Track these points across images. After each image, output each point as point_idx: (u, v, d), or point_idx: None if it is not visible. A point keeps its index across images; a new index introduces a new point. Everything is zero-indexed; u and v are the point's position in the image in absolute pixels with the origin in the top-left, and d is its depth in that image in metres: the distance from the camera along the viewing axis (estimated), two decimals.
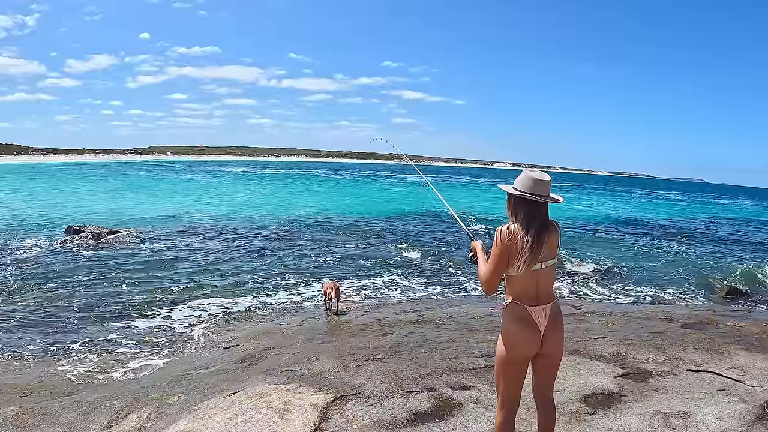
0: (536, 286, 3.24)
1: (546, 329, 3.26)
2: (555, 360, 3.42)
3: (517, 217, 3.25)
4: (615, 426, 4.41)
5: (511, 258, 3.18)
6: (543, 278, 3.26)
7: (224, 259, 19.06)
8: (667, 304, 13.52)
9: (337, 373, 5.71)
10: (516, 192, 3.27)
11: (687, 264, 21.31)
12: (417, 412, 4.68)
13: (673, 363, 5.98)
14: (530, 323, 3.22)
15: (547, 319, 3.26)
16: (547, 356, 3.35)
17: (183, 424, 4.52)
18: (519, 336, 3.25)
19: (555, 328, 3.31)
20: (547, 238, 3.23)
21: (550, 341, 3.29)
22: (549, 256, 3.26)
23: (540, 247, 3.18)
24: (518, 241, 3.15)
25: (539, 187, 3.24)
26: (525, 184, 3.26)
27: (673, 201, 78.30)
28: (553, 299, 3.32)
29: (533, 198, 3.22)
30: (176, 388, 5.98)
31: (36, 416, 5.36)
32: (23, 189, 50.24)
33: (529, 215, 3.22)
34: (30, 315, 12.31)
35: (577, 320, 8.37)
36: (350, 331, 7.72)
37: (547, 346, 3.30)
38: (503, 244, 3.17)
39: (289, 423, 4.40)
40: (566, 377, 5.42)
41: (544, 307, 3.25)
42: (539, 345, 3.28)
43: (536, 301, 3.24)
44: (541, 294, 3.26)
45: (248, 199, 46.44)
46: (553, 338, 3.30)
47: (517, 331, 3.25)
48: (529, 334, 3.23)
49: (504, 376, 3.37)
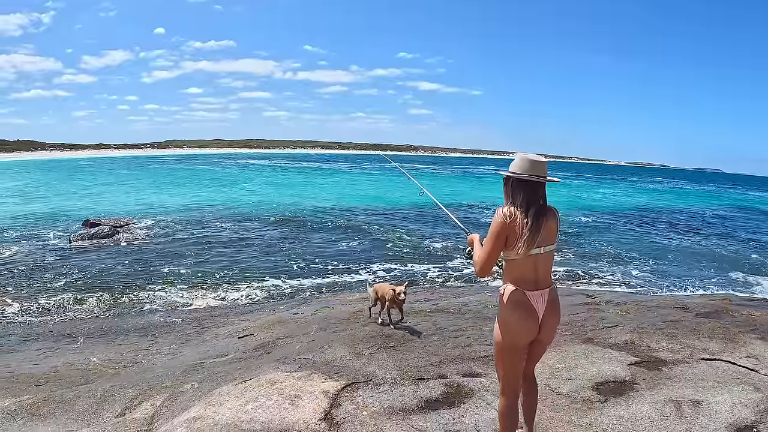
0: (535, 270, 3.22)
1: (544, 314, 3.26)
2: (547, 343, 3.46)
3: (515, 200, 3.21)
4: (627, 414, 4.40)
5: (510, 240, 3.15)
6: (542, 263, 3.24)
7: (238, 250, 19.19)
8: (682, 293, 13.43)
9: (349, 360, 5.73)
10: (514, 174, 3.23)
11: (703, 253, 21.15)
12: (428, 399, 4.70)
13: (686, 351, 5.91)
14: (529, 309, 3.21)
15: (546, 304, 3.26)
16: (541, 340, 3.37)
17: (195, 411, 4.56)
18: (518, 322, 3.23)
19: (553, 313, 3.31)
20: (545, 221, 3.20)
21: (546, 326, 3.29)
22: (548, 241, 3.23)
23: (539, 230, 3.15)
24: (518, 222, 3.13)
25: (537, 169, 3.20)
26: (522, 167, 3.21)
27: (689, 191, 77.46)
28: (551, 284, 3.32)
29: (533, 179, 3.19)
30: (190, 377, 6.03)
31: (51, 404, 5.43)
32: (42, 184, 50.87)
33: (528, 197, 3.19)
34: (44, 306, 12.49)
35: (591, 309, 8.32)
36: (363, 320, 7.71)
37: (544, 332, 3.31)
38: (502, 223, 3.14)
39: (299, 409, 4.43)
40: (579, 365, 5.41)
41: (543, 292, 3.24)
42: (537, 330, 3.28)
43: (535, 286, 3.23)
44: (540, 279, 3.24)
45: (262, 190, 46.61)
46: (549, 323, 3.30)
47: (516, 316, 3.23)
48: (528, 320, 3.22)
49: (503, 361, 3.39)
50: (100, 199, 36.99)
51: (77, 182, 53.00)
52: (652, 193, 64.73)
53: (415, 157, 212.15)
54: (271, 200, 36.63)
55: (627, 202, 47.43)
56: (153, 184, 51.08)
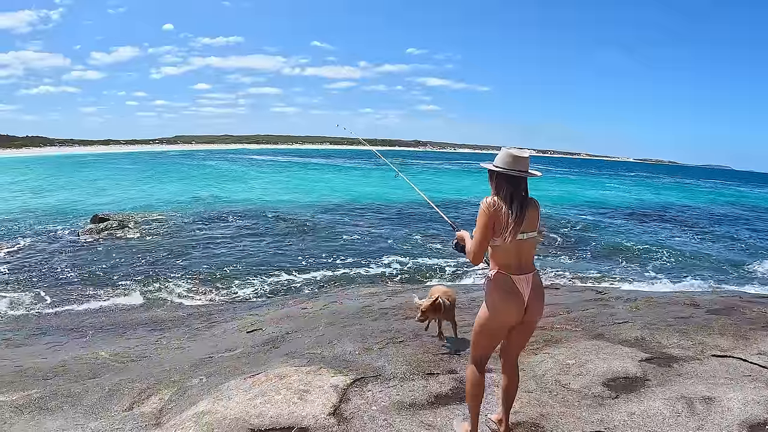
0: (519, 256, 3.45)
1: (529, 298, 3.47)
2: (532, 327, 3.67)
3: (499, 192, 3.44)
4: (638, 410, 4.35)
5: (497, 228, 3.37)
6: (525, 249, 3.46)
7: (246, 245, 19.23)
8: (693, 290, 13.35)
9: (358, 355, 5.72)
10: (497, 169, 3.45)
11: (712, 250, 21.03)
12: (437, 394, 4.68)
13: (698, 348, 5.85)
14: (515, 292, 3.43)
15: (531, 288, 3.46)
16: (526, 323, 3.57)
17: (203, 406, 4.55)
18: (505, 304, 3.44)
19: (537, 296, 3.51)
20: (528, 211, 3.42)
21: (531, 309, 3.50)
22: (530, 228, 3.45)
23: (522, 219, 3.37)
24: (503, 212, 3.35)
25: (519, 164, 3.43)
26: (505, 161, 3.44)
27: (698, 188, 77.07)
28: (535, 269, 3.53)
29: (515, 173, 3.40)
30: (198, 371, 6.01)
31: (59, 398, 5.43)
32: (51, 179, 51.17)
33: (512, 189, 3.41)
34: (53, 300, 12.54)
35: (601, 305, 8.28)
36: (373, 315, 7.70)
37: (529, 314, 3.52)
38: (488, 213, 3.36)
39: (308, 404, 4.42)
40: (589, 361, 5.36)
41: (527, 276, 3.46)
42: (523, 312, 3.49)
43: (519, 271, 3.45)
44: (523, 264, 3.47)
45: (268, 185, 46.68)
46: (534, 306, 3.51)
47: (502, 298, 3.44)
48: (514, 302, 3.44)
49: (483, 338, 3.63)
50: (107, 194, 37.15)
51: (85, 178, 53.28)
52: (660, 190, 64.39)
53: (423, 152, 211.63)
54: (278, 196, 36.69)
55: (635, 199, 47.19)
56: (160, 180, 51.25)
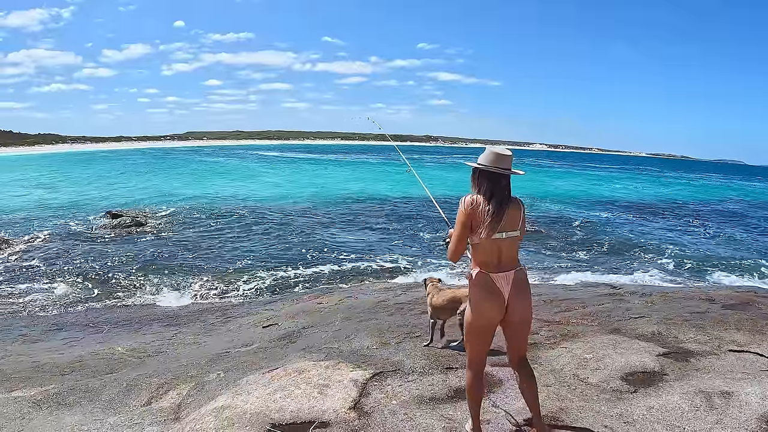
0: (498, 254, 3.43)
1: (510, 295, 3.44)
2: (523, 325, 3.59)
3: (480, 189, 3.46)
4: (657, 404, 4.35)
5: (474, 226, 3.39)
6: (505, 247, 3.44)
7: (259, 240, 19.28)
8: (707, 285, 13.29)
9: (376, 350, 5.76)
10: (480, 166, 3.47)
11: (725, 245, 20.88)
12: (457, 388, 4.71)
13: (714, 343, 5.85)
14: (494, 289, 3.42)
15: (511, 285, 3.44)
16: (514, 322, 3.53)
17: (222, 400, 4.58)
18: (484, 301, 3.44)
19: (519, 293, 3.48)
20: (508, 209, 3.41)
21: (514, 306, 3.47)
22: (511, 227, 3.43)
23: (501, 216, 3.37)
24: (480, 209, 3.37)
25: (501, 162, 3.44)
26: (488, 159, 3.46)
27: (710, 182, 76.45)
28: (518, 266, 3.50)
29: (497, 171, 3.42)
30: (215, 366, 6.06)
31: (77, 393, 5.50)
32: (64, 176, 51.51)
33: (492, 187, 3.42)
34: (69, 296, 12.64)
35: (616, 300, 8.28)
36: (388, 310, 7.72)
37: (513, 311, 3.48)
38: (465, 211, 3.39)
39: (328, 398, 4.45)
40: (607, 355, 5.37)
41: (507, 274, 3.44)
42: (504, 310, 3.47)
43: (498, 269, 3.43)
44: (503, 262, 3.45)
45: (279, 181, 46.75)
46: (517, 303, 3.47)
47: (482, 296, 3.45)
48: (493, 300, 3.43)
49: (471, 338, 3.62)
50: (120, 190, 37.35)
51: (98, 174, 53.58)
52: (671, 185, 63.94)
53: (434, 147, 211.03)
54: (289, 191, 36.74)
55: (646, 194, 46.92)
56: (172, 176, 51.45)
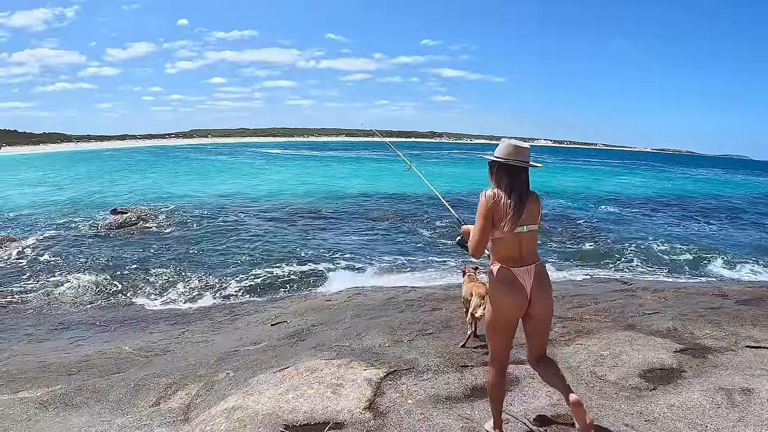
0: (519, 248, 3.40)
1: (532, 289, 3.40)
2: (544, 320, 3.54)
3: (500, 183, 3.42)
4: (677, 402, 4.28)
5: (496, 220, 3.35)
6: (526, 241, 3.41)
7: (265, 238, 19.23)
8: (718, 280, 13.20)
9: (389, 348, 5.69)
10: (498, 159, 3.43)
11: (732, 241, 20.73)
12: (473, 386, 4.63)
13: (731, 339, 5.79)
14: (516, 284, 3.38)
15: (533, 279, 3.40)
16: (536, 316, 3.48)
17: (233, 401, 4.50)
18: (506, 297, 3.40)
19: (541, 287, 3.43)
20: (528, 203, 3.39)
21: (536, 301, 3.42)
22: (531, 220, 3.41)
23: (522, 210, 3.34)
24: (502, 203, 3.33)
25: (520, 154, 3.42)
26: (507, 152, 3.43)
27: (716, 177, 76.12)
28: (537, 260, 3.47)
29: (516, 164, 3.40)
30: (224, 365, 6.00)
31: (84, 394, 5.44)
32: (69, 174, 51.64)
33: (512, 181, 3.39)
34: (75, 294, 12.60)
35: (628, 296, 8.22)
36: (398, 307, 7.66)
37: (535, 306, 3.43)
38: (487, 204, 3.34)
39: (342, 398, 4.37)
40: (624, 352, 5.30)
41: (529, 268, 3.40)
42: (527, 305, 3.42)
43: (520, 263, 3.40)
44: (524, 256, 3.41)
45: (285, 179, 46.70)
46: (539, 298, 3.43)
47: (505, 292, 3.40)
48: (515, 295, 3.38)
49: (494, 335, 3.55)
50: (125, 188, 37.36)
51: (103, 172, 53.65)
52: (677, 180, 63.70)
53: (438, 143, 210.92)
54: (296, 189, 36.67)
55: (652, 189, 46.73)
56: (176, 174, 51.46)
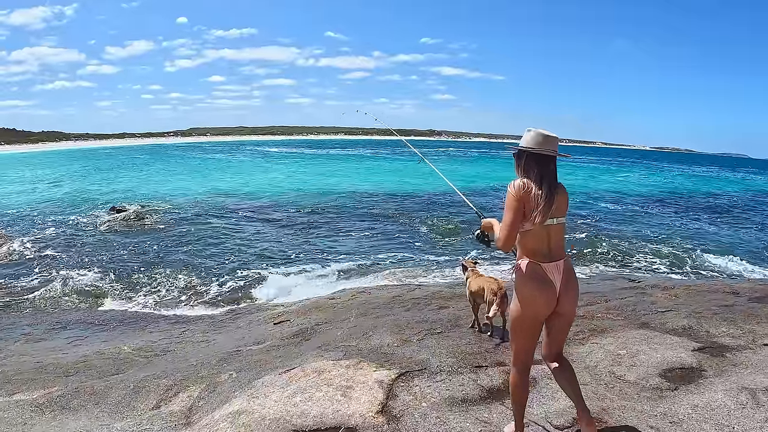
0: (548, 242, 3.30)
1: (561, 285, 3.31)
2: (569, 317, 3.47)
3: (530, 173, 3.30)
4: (701, 402, 4.14)
5: (527, 211, 3.22)
6: (554, 234, 3.32)
7: (265, 235, 19.15)
8: (727, 277, 13.10)
9: (397, 348, 5.52)
10: (528, 149, 3.32)
11: (737, 238, 20.66)
12: (489, 388, 4.47)
13: (748, 337, 5.68)
14: (546, 280, 3.27)
15: (562, 275, 3.31)
16: (562, 314, 3.39)
17: (238, 404, 4.34)
18: (536, 293, 3.28)
19: (569, 284, 3.36)
20: (557, 194, 3.29)
21: (564, 298, 3.34)
22: (559, 213, 3.32)
23: (552, 201, 3.24)
24: (533, 194, 3.21)
25: (549, 143, 3.31)
26: (536, 141, 3.32)
27: (716, 175, 76.19)
28: (565, 255, 3.39)
29: (547, 152, 3.30)
30: (227, 366, 5.83)
31: (82, 396, 5.27)
32: (68, 172, 51.63)
33: (542, 170, 3.29)
34: (73, 293, 12.47)
35: (638, 293, 8.09)
36: (404, 305, 7.51)
37: (562, 304, 3.35)
38: (517, 195, 3.22)
39: (353, 401, 4.21)
40: (641, 351, 5.16)
41: (558, 264, 3.31)
42: (555, 302, 3.32)
43: (549, 258, 3.30)
44: (553, 250, 3.31)
45: (284, 177, 46.67)
46: (568, 295, 3.35)
47: (534, 288, 3.29)
48: (545, 291, 3.28)
49: (520, 333, 3.44)
50: (124, 186, 37.32)
51: (102, 171, 53.65)
52: (675, 178, 63.75)
53: (437, 142, 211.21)
54: (294, 187, 36.60)
55: (651, 187, 46.79)
56: (175, 172, 51.43)
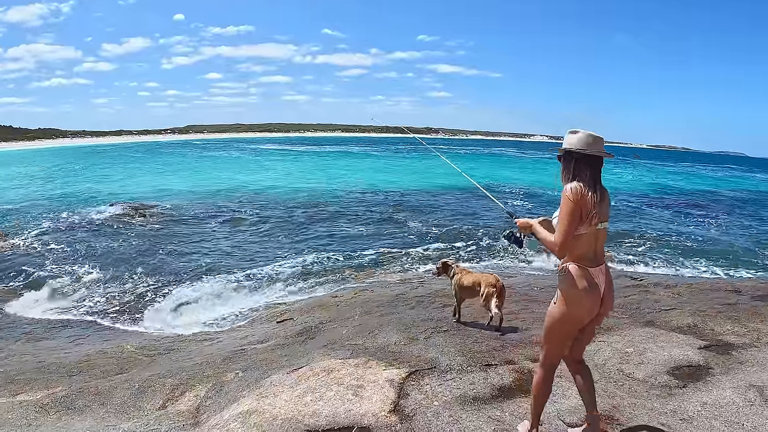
0: (595, 246, 3.27)
1: (605, 290, 3.31)
2: (601, 319, 3.48)
3: (582, 176, 3.23)
4: (710, 400, 4.18)
5: (583, 216, 3.17)
6: (601, 238, 3.29)
7: (265, 233, 19.09)
8: (729, 276, 13.13)
9: (405, 346, 5.51)
10: (580, 150, 3.24)
11: (737, 237, 20.65)
12: (500, 386, 4.48)
13: (753, 335, 5.74)
14: (594, 285, 3.25)
15: (605, 279, 3.31)
16: (599, 315, 3.40)
17: (247, 404, 4.31)
18: (585, 298, 3.24)
19: (610, 288, 3.37)
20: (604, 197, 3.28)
21: (606, 302, 3.35)
22: (605, 217, 3.28)
23: (603, 205, 3.23)
24: (589, 198, 3.16)
25: (598, 144, 3.26)
26: (586, 142, 3.24)
27: (716, 174, 76.21)
28: (604, 260, 3.37)
29: (598, 154, 3.24)
30: (232, 365, 5.80)
31: (86, 396, 5.22)
32: (65, 169, 51.38)
33: (594, 173, 3.24)
34: (73, 290, 12.42)
35: (641, 291, 8.13)
36: (409, 303, 7.50)
37: (604, 307, 3.36)
38: (575, 200, 3.14)
39: (365, 401, 4.19)
40: (648, 349, 5.19)
41: (602, 268, 3.30)
42: (600, 305, 3.32)
43: (595, 263, 3.26)
44: (598, 254, 3.29)
45: (282, 174, 46.53)
46: (609, 299, 3.36)
47: (583, 293, 3.23)
48: (593, 296, 3.25)
49: (559, 335, 3.40)
50: (121, 183, 37.18)
51: (99, 168, 53.41)
52: (672, 176, 63.75)
53: (433, 139, 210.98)
54: (293, 184, 36.49)
55: (646, 184, 46.76)
56: (173, 170, 51.20)
